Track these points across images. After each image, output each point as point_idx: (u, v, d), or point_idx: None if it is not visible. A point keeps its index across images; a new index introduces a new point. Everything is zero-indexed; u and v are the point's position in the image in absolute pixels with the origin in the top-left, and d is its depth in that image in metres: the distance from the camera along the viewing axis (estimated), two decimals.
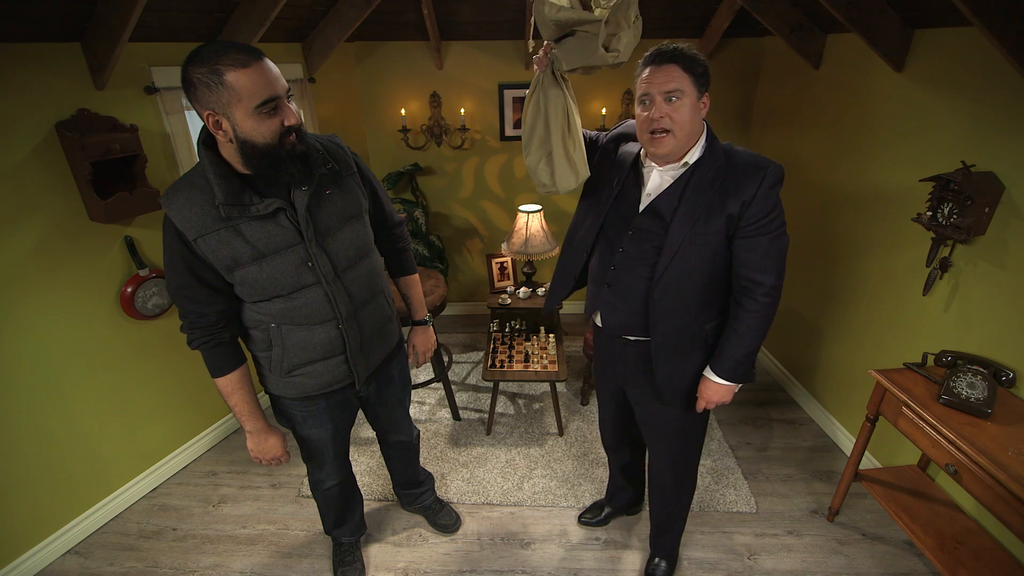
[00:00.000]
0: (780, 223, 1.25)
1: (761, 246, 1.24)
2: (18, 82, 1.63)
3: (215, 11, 2.08)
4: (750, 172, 1.22)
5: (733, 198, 1.22)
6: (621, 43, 1.23)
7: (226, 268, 1.16)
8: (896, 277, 2.10)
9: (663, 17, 2.82)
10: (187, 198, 1.12)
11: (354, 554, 1.90)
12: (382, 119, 3.28)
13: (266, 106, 1.05)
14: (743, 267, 1.27)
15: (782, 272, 1.27)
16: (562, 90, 1.32)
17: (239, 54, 1.02)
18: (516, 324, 2.82)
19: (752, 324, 1.29)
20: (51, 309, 1.82)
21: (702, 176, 1.25)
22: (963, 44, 1.76)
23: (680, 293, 1.31)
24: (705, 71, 1.21)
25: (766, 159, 1.24)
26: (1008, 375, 1.61)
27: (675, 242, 1.27)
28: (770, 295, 1.27)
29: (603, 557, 1.95)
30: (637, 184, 1.35)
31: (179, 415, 2.36)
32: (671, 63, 1.18)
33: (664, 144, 1.23)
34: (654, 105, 1.21)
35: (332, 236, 1.26)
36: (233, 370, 1.29)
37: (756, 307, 1.27)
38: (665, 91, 1.19)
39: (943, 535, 1.72)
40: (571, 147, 1.36)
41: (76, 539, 2.01)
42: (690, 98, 1.20)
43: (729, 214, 1.23)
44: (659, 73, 1.19)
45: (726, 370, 1.35)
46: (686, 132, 1.22)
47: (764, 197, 1.21)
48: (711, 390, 1.38)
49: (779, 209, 1.24)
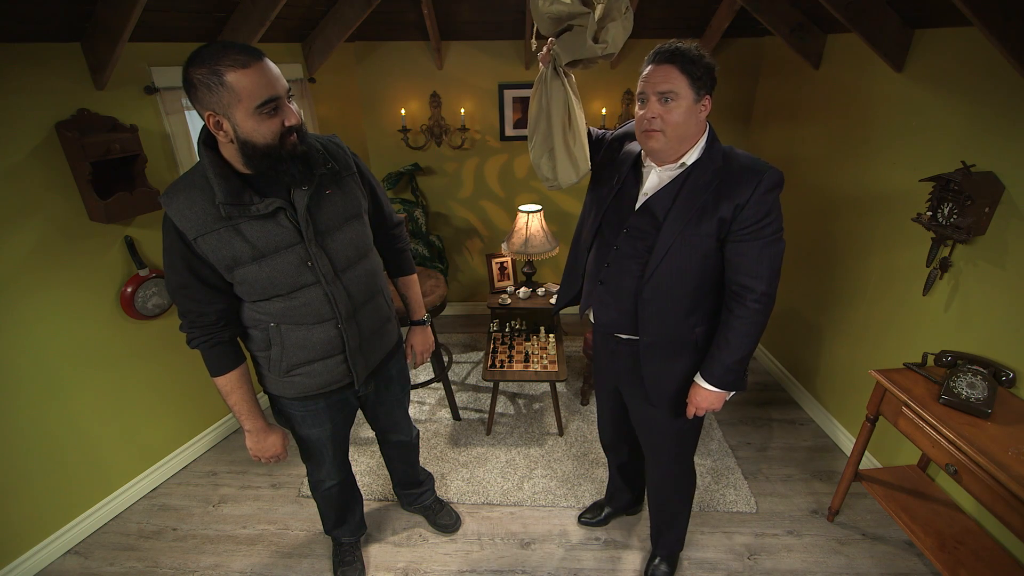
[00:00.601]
0: (775, 229, 1.23)
1: (753, 251, 1.23)
2: (18, 82, 1.63)
3: (215, 11, 2.08)
4: (746, 176, 1.20)
5: (726, 201, 1.21)
6: (609, 34, 1.23)
7: (226, 267, 1.17)
8: (896, 277, 2.10)
9: (663, 17, 2.82)
10: (187, 198, 1.12)
11: (354, 554, 1.90)
12: (382, 119, 3.28)
13: (267, 106, 1.05)
14: (734, 272, 1.26)
15: (775, 279, 1.25)
16: (563, 85, 1.32)
17: (239, 55, 1.02)
18: (516, 324, 2.82)
19: (742, 331, 1.27)
20: (51, 309, 1.82)
21: (698, 178, 1.25)
22: (963, 44, 1.76)
23: (669, 294, 1.32)
24: (706, 73, 1.19)
25: (765, 164, 1.22)
26: (1008, 375, 1.61)
27: (666, 242, 1.27)
28: (760, 301, 1.25)
29: (603, 557, 1.95)
30: (636, 183, 1.36)
31: (179, 415, 2.36)
32: (669, 63, 1.17)
33: (654, 141, 1.23)
34: (648, 104, 1.21)
35: (332, 236, 1.26)
36: (232, 369, 1.29)
37: (746, 313, 1.26)
38: (659, 91, 1.18)
39: (943, 535, 1.72)
40: (571, 142, 1.37)
41: (76, 539, 2.01)
42: (685, 100, 1.18)
43: (721, 217, 1.22)
44: (656, 73, 1.19)
45: (715, 377, 1.33)
46: (678, 134, 1.22)
47: (758, 202, 1.19)
48: (700, 396, 1.37)
49: (775, 215, 1.22)
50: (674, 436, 1.55)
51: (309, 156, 1.15)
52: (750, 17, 2.52)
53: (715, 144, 1.27)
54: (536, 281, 2.98)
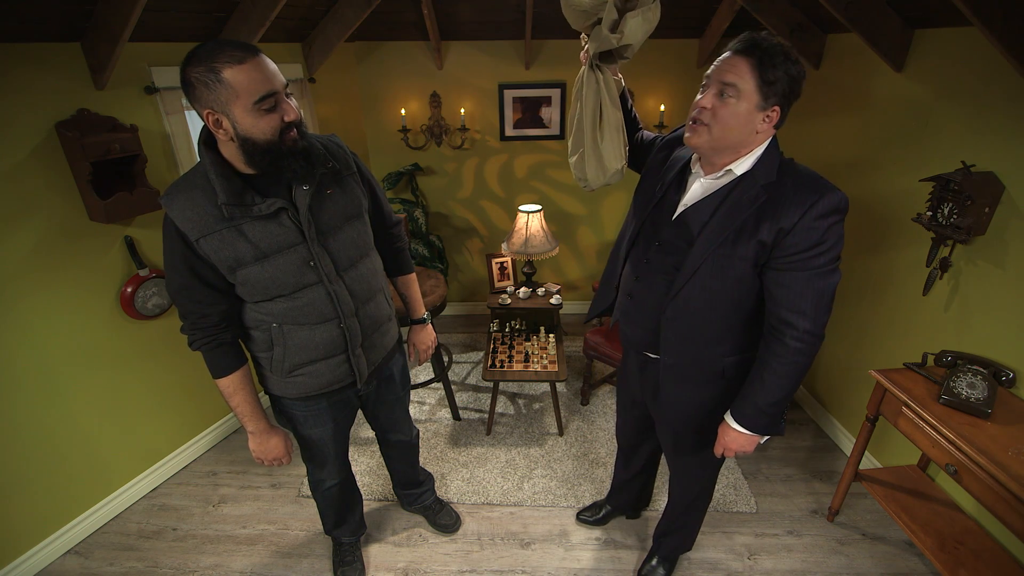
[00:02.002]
0: (828, 260, 1.06)
1: (796, 283, 1.07)
2: (18, 82, 1.63)
3: (215, 11, 2.08)
4: (799, 196, 1.04)
5: (769, 222, 1.06)
6: (627, 26, 1.16)
7: (228, 268, 1.16)
8: (896, 277, 2.10)
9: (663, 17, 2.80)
10: (188, 198, 1.12)
11: (354, 554, 1.90)
12: (382, 119, 3.28)
13: (265, 102, 1.04)
14: (774, 304, 1.12)
15: (822, 316, 1.09)
16: (596, 82, 1.26)
17: (235, 51, 1.02)
18: (516, 324, 2.82)
19: (779, 371, 1.12)
20: (51, 309, 1.82)
21: (744, 191, 1.10)
22: (963, 44, 1.76)
23: (696, 316, 1.21)
24: (785, 79, 1.03)
25: (827, 183, 1.06)
26: (1008, 375, 1.61)
27: (695, 261, 1.15)
28: (803, 340, 1.09)
29: (603, 557, 1.95)
30: (678, 191, 1.24)
31: (179, 415, 2.36)
32: (744, 56, 1.03)
33: (697, 136, 1.10)
34: (706, 92, 1.09)
35: (333, 235, 1.26)
36: (235, 370, 1.29)
37: (784, 352, 1.11)
38: (721, 81, 1.05)
39: (943, 535, 1.72)
40: (599, 140, 1.29)
41: (76, 539, 2.01)
42: (746, 102, 1.04)
43: (760, 240, 1.07)
44: (727, 61, 1.05)
45: (746, 417, 1.20)
46: (726, 136, 1.07)
47: (808, 228, 1.03)
48: (730, 437, 1.25)
49: (830, 244, 1.05)
50: (699, 462, 1.49)
51: (310, 152, 1.15)
52: (750, 17, 2.52)
53: (773, 155, 1.11)
54: (536, 281, 2.98)
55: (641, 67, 2.99)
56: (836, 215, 1.05)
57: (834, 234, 1.05)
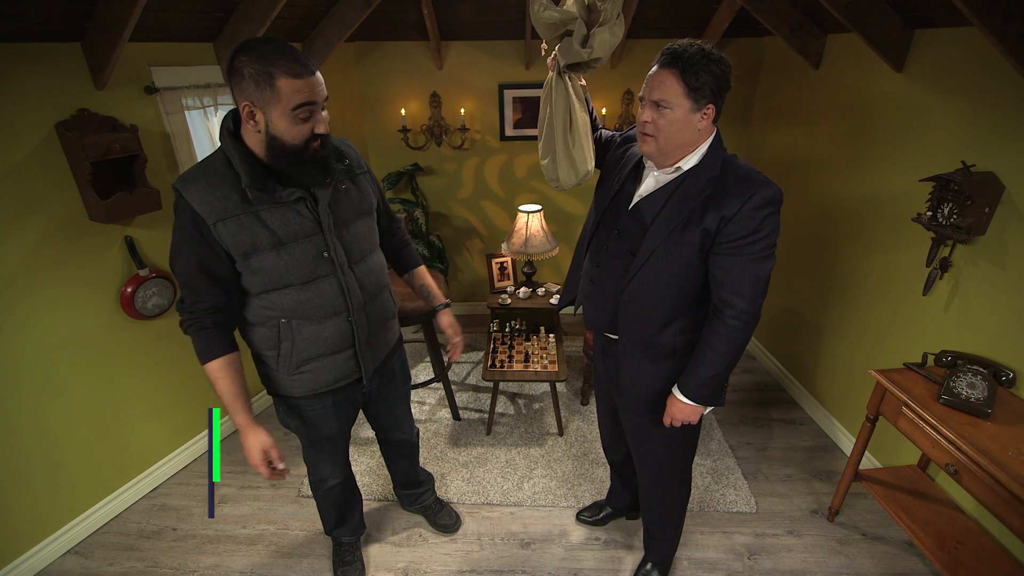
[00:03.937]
0: (764, 247, 1.17)
1: (735, 267, 1.18)
2: (18, 82, 1.63)
3: (215, 11, 2.08)
4: (738, 188, 1.16)
5: (713, 212, 1.17)
6: (596, 40, 1.26)
7: (243, 254, 1.17)
8: (896, 277, 2.10)
9: (663, 17, 2.82)
10: (208, 183, 1.13)
11: (354, 554, 1.90)
12: (382, 119, 3.28)
13: (302, 109, 1.09)
14: (716, 286, 1.23)
15: (758, 297, 1.20)
16: (565, 89, 1.36)
17: (295, 64, 1.06)
18: (516, 324, 2.82)
19: (718, 347, 1.24)
20: (51, 309, 1.82)
21: (691, 184, 1.22)
22: (963, 44, 1.76)
23: (650, 298, 1.31)
24: (710, 81, 1.12)
25: (763, 178, 1.17)
26: (1008, 375, 1.61)
27: (649, 247, 1.26)
28: (739, 319, 1.20)
29: (603, 557, 1.95)
30: (635, 183, 1.36)
31: (179, 415, 2.35)
32: (668, 68, 1.13)
33: (647, 145, 1.23)
34: (644, 108, 1.20)
35: (347, 228, 1.30)
36: (221, 356, 1.25)
37: (724, 329, 1.22)
38: (652, 99, 1.16)
39: (943, 535, 1.72)
40: (571, 144, 1.40)
41: (76, 539, 2.01)
42: (680, 109, 1.14)
43: (705, 228, 1.19)
44: (655, 78, 1.16)
45: (690, 390, 1.31)
46: (671, 141, 1.19)
47: (747, 217, 1.14)
48: (676, 408, 1.35)
49: (766, 232, 1.16)
50: (660, 441, 1.52)
51: (327, 162, 1.19)
52: (750, 17, 2.52)
53: (717, 151, 1.23)
54: (536, 281, 2.98)
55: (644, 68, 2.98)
56: (771, 206, 1.16)
57: (770, 224, 1.16)
